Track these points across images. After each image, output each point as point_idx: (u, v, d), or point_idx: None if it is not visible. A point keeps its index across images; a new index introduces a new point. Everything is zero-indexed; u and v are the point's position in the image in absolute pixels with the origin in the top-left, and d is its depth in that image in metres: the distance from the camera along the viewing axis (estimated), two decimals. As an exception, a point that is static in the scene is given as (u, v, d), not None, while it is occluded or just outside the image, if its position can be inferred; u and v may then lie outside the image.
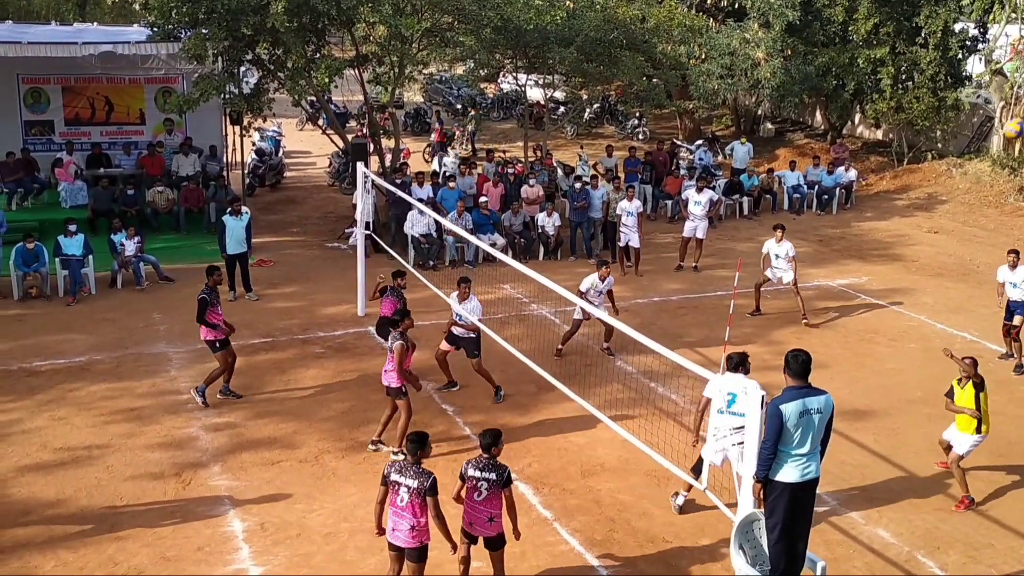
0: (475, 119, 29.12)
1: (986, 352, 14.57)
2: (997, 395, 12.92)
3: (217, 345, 12.13)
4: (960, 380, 10.38)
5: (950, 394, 10.47)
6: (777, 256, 15.83)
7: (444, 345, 12.79)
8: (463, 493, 8.10)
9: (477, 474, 7.94)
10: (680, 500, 9.89)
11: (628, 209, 18.07)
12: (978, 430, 10.21)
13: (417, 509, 7.69)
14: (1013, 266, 13.91)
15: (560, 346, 14.19)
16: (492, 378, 12.55)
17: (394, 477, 7.77)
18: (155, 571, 8.74)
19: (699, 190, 18.93)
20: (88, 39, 19.80)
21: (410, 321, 10.98)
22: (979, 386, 10.22)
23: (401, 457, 9.46)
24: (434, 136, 28.51)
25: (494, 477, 7.93)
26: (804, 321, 15.69)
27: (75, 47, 18.96)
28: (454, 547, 7.98)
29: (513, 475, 8.13)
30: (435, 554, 8.11)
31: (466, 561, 8.24)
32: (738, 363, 9.33)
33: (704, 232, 18.76)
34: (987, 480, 10.73)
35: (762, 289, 16.17)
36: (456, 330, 12.55)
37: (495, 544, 8.17)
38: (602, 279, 14.06)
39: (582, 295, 13.62)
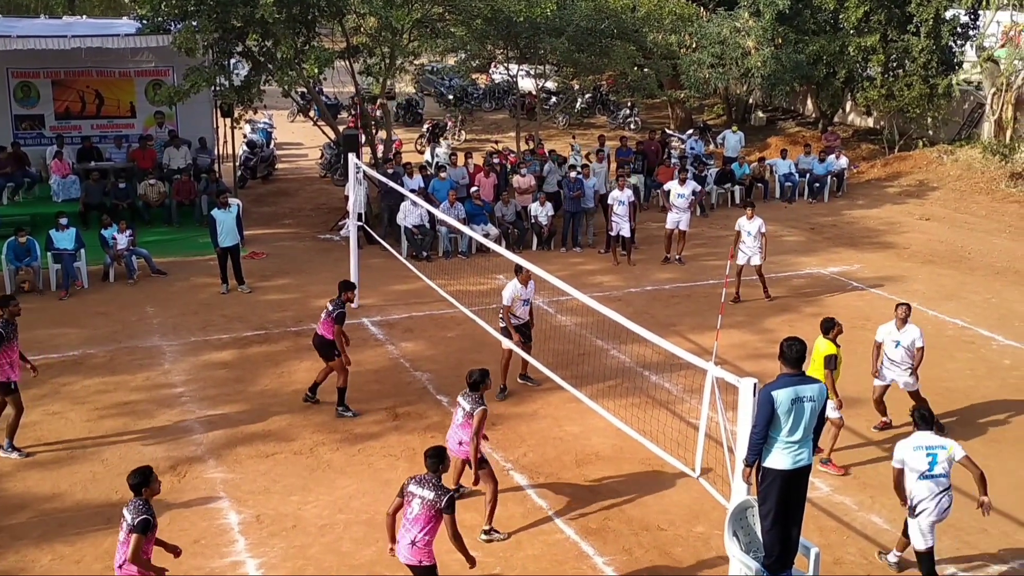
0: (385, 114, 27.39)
1: (979, 339, 14.65)
2: (990, 381, 13.06)
3: (12, 387, 10.61)
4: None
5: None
6: (749, 233, 15.89)
7: (508, 343, 11.97)
8: (399, 511, 7.64)
9: (415, 490, 7.51)
10: (893, 558, 9.03)
11: (620, 198, 18.07)
12: None
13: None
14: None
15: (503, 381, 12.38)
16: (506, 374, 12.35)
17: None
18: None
19: (682, 181, 18.78)
20: (77, 32, 19.71)
21: (491, 382, 9.65)
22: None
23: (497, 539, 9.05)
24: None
25: (431, 496, 7.42)
26: (767, 298, 16.22)
27: (64, 40, 18.88)
28: (471, 562, 7.64)
29: (456, 505, 7.52)
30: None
31: None
32: (928, 420, 8.43)
33: (687, 224, 18.60)
34: (979, 465, 10.77)
35: (741, 276, 16.27)
36: (514, 320, 12.05)
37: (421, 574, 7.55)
38: (524, 284, 12.17)
39: (507, 310, 12.07)
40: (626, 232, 18.15)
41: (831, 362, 10.30)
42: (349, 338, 12.15)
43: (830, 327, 10.53)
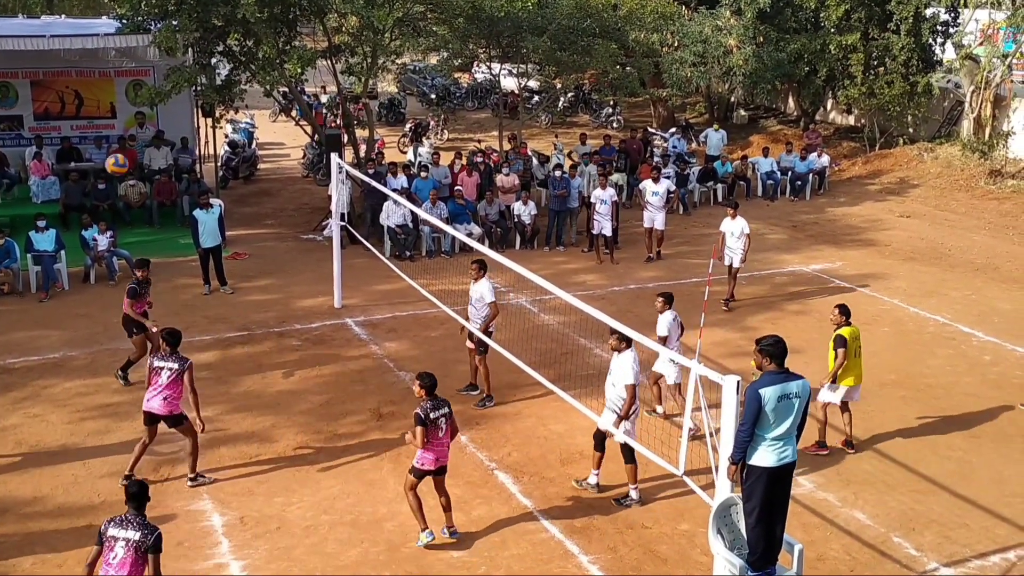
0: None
1: (959, 335, 14.75)
2: (970, 376, 13.16)
3: None
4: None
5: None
6: (732, 234, 15.75)
7: (469, 343, 12.23)
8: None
9: (116, 532, 6.84)
10: (593, 479, 10.07)
11: (602, 197, 18.09)
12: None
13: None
14: None
15: None
16: (489, 382, 12.19)
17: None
18: (134, 567, 8.69)
19: (656, 180, 18.83)
20: (56, 32, 19.55)
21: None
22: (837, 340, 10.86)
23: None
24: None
25: (137, 536, 6.83)
26: (725, 306, 15.77)
27: (43, 40, 18.73)
28: None
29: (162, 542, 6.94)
30: None
31: None
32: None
33: (663, 223, 18.64)
34: (960, 461, 10.88)
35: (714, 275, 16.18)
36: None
37: None
38: (474, 280, 12.06)
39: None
40: (607, 231, 18.18)
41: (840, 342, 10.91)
42: (149, 315, 12.64)
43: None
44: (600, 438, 9.85)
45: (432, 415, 8.74)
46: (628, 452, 9.66)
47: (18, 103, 21.54)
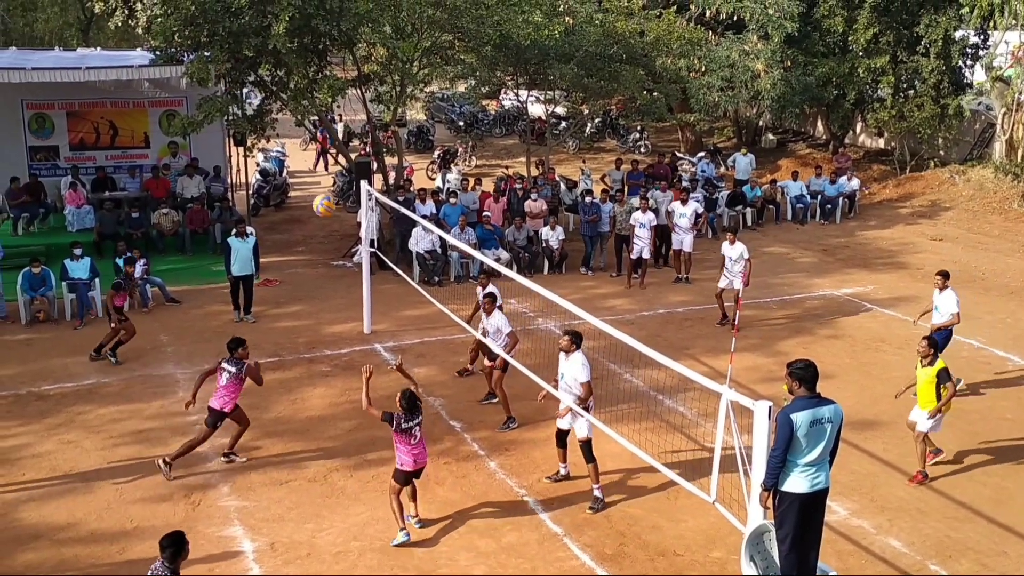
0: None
1: (994, 360, 14.56)
2: (1006, 401, 12.97)
3: None
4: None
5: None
6: (731, 259, 15.76)
7: (486, 360, 12.63)
8: None
9: None
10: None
11: (641, 221, 18.09)
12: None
13: None
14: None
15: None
16: (507, 404, 12.34)
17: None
18: (166, 593, 8.72)
19: (683, 202, 18.86)
20: (91, 64, 19.93)
21: (245, 350, 11.23)
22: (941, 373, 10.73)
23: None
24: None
25: None
26: (730, 325, 15.18)
27: (78, 72, 19.09)
28: None
29: None
30: None
31: None
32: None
33: (691, 245, 18.69)
34: (996, 487, 10.70)
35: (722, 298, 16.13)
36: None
37: None
38: (485, 313, 12.49)
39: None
40: (646, 254, 18.19)
41: (946, 376, 10.76)
42: (123, 309, 14.47)
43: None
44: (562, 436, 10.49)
45: (404, 424, 9.49)
46: (588, 450, 10.18)
47: (54, 134, 21.95)
